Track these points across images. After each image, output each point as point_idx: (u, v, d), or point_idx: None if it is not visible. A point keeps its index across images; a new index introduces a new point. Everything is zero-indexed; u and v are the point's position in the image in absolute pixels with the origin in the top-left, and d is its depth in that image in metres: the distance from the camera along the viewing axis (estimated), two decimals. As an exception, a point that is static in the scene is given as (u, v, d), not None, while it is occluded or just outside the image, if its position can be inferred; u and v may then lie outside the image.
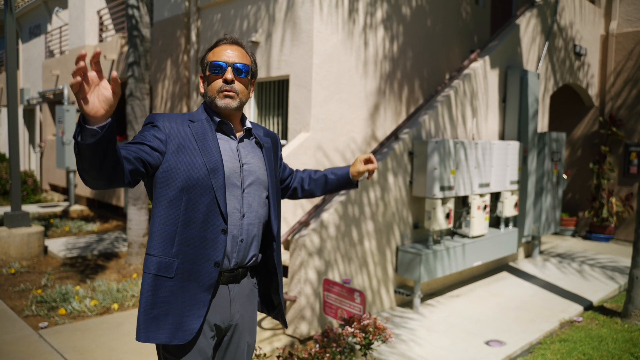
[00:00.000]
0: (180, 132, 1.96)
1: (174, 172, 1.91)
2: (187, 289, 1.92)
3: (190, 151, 1.93)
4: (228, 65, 2.00)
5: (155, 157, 1.89)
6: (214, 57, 2.03)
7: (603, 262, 7.86)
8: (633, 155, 9.33)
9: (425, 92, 7.50)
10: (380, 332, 3.70)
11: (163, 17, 8.98)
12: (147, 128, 1.95)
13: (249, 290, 2.13)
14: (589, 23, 9.32)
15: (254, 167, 2.07)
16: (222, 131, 2.06)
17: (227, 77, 1.99)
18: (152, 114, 2.01)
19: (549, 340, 4.86)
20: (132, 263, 6.94)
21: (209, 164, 1.93)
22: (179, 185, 1.91)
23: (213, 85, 2.02)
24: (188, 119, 2.02)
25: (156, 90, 9.27)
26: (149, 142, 1.88)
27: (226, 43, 2.06)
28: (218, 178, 1.94)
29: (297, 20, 6.26)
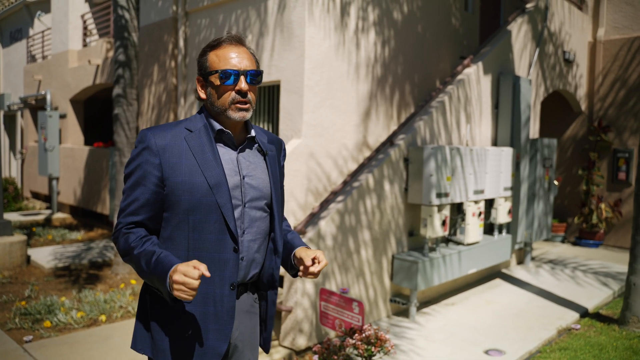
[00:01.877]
0: (175, 148, 1.80)
1: (175, 194, 1.79)
2: (207, 314, 1.81)
3: (189, 168, 1.79)
4: (240, 74, 1.81)
5: (161, 196, 1.82)
6: (220, 62, 1.82)
7: (595, 268, 7.86)
8: (621, 161, 9.39)
9: (416, 98, 7.44)
10: (383, 343, 3.59)
11: (150, 21, 8.82)
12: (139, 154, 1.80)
13: (248, 306, 1.98)
14: (578, 30, 9.38)
15: (256, 180, 1.91)
16: (221, 141, 1.89)
17: (242, 87, 1.81)
18: (143, 131, 1.84)
19: (548, 349, 4.79)
20: (119, 273, 6.75)
21: (210, 179, 1.79)
22: (182, 207, 1.79)
23: (224, 97, 1.83)
24: (185, 127, 1.86)
25: (142, 96, 9.09)
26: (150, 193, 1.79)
27: (230, 43, 1.85)
28: (222, 193, 1.80)
29: (289, 25, 6.16)
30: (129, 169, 1.82)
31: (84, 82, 10.82)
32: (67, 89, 11.51)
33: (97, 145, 10.69)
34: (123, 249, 1.77)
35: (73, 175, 11.06)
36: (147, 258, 1.70)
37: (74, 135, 11.69)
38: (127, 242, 1.77)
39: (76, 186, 10.93)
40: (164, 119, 8.52)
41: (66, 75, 11.52)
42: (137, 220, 1.79)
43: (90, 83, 10.59)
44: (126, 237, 1.77)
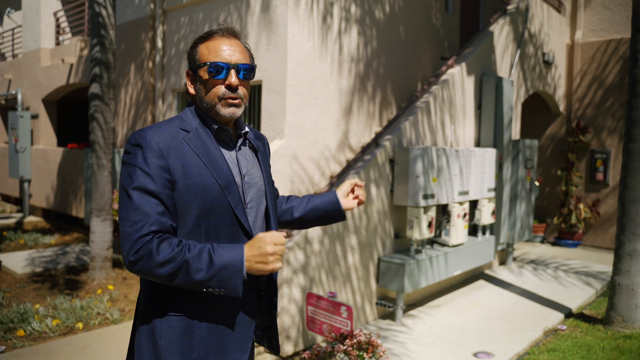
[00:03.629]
0: (178, 149, 1.65)
1: (186, 199, 1.64)
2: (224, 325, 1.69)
3: (197, 170, 1.65)
4: (231, 67, 1.70)
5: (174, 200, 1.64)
6: (210, 54, 1.71)
7: (576, 268, 7.92)
8: (599, 162, 9.50)
9: (398, 98, 7.39)
10: (375, 349, 3.50)
11: (126, 20, 8.60)
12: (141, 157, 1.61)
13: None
14: (556, 32, 9.47)
15: (254, 178, 1.82)
16: (219, 139, 1.77)
17: (232, 82, 1.69)
18: (138, 131, 1.65)
19: (536, 351, 4.77)
20: (96, 278, 6.52)
21: (220, 180, 1.67)
22: (195, 213, 1.64)
23: (213, 91, 1.71)
24: (180, 128, 1.71)
25: (119, 96, 8.86)
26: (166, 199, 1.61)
27: (222, 35, 1.73)
28: (233, 193, 1.70)
29: (271, 23, 6.04)
30: (132, 178, 1.60)
31: (57, 82, 10.51)
32: (39, 89, 11.17)
33: (72, 146, 10.39)
34: (164, 259, 1.53)
35: (46, 177, 10.73)
36: (205, 255, 1.55)
37: (46, 136, 11.35)
38: (166, 249, 1.54)
39: (49, 189, 10.61)
40: (141, 120, 8.30)
41: (38, 74, 11.17)
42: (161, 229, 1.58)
43: (63, 82, 10.29)
44: (165, 245, 1.55)
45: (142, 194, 1.58)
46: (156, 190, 1.58)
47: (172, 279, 1.55)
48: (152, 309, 1.68)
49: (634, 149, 5.15)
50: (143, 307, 1.71)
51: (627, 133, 5.22)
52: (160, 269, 1.53)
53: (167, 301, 1.66)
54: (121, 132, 8.85)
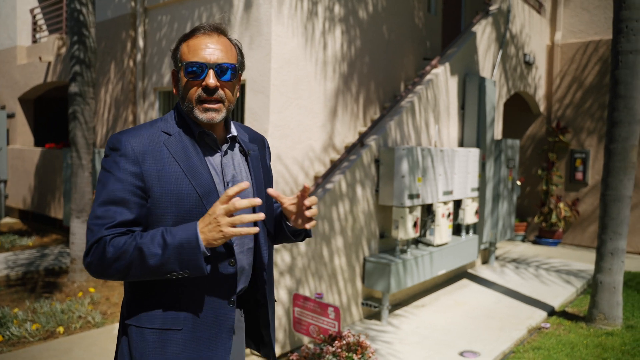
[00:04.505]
0: (156, 154, 1.57)
1: (161, 207, 1.56)
2: (200, 340, 1.59)
3: (174, 177, 1.57)
4: (209, 68, 1.58)
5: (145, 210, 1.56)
6: (189, 53, 1.60)
7: (557, 266, 8.02)
8: (578, 161, 9.64)
9: (381, 98, 7.40)
10: (364, 350, 3.48)
11: (106, 17, 8.45)
12: (114, 162, 1.55)
13: (237, 322, 1.79)
14: (537, 33, 9.58)
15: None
16: (202, 143, 1.68)
17: (209, 83, 1.57)
18: (115, 135, 1.60)
19: (521, 349, 4.81)
20: (76, 280, 6.40)
21: (199, 188, 1.58)
22: (169, 221, 1.56)
23: (191, 93, 1.61)
24: (162, 130, 1.63)
25: (98, 95, 8.71)
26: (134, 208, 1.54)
27: (205, 33, 1.62)
28: (213, 202, 1.60)
29: (255, 22, 5.99)
30: (103, 182, 1.56)
31: (34, 80, 10.29)
32: (15, 87, 10.92)
33: (49, 146, 10.19)
34: (114, 254, 1.47)
35: (23, 177, 10.50)
36: (158, 238, 1.47)
37: (23, 135, 11.11)
38: (117, 244, 1.48)
39: (26, 189, 10.38)
40: (122, 119, 8.17)
41: (14, 72, 10.93)
42: (121, 232, 1.52)
43: (41, 81, 10.08)
44: (114, 241, 1.49)
45: (109, 201, 1.53)
46: (124, 198, 1.53)
47: (129, 272, 1.49)
48: (129, 319, 1.63)
49: (615, 149, 5.22)
50: (122, 317, 1.67)
51: (609, 133, 5.29)
52: (114, 264, 1.48)
53: (141, 313, 1.60)
54: (101, 131, 8.70)
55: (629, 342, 4.90)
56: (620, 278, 5.29)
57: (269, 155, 1.95)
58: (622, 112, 5.18)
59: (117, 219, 1.51)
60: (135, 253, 1.47)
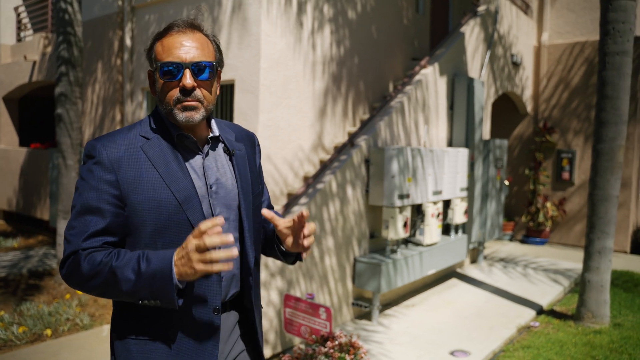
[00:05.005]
0: (132, 160, 1.52)
1: (139, 215, 1.50)
2: (185, 350, 1.55)
3: (152, 183, 1.51)
4: (185, 67, 1.51)
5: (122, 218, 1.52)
6: (164, 53, 1.53)
7: (544, 265, 8.09)
8: (565, 161, 9.73)
9: (370, 98, 7.41)
10: (356, 350, 3.48)
11: (93, 16, 8.37)
12: (89, 170, 1.51)
13: (232, 325, 1.72)
14: (524, 34, 9.65)
15: (223, 188, 1.64)
16: (182, 145, 1.61)
17: (186, 83, 1.50)
18: (90, 142, 1.55)
19: (511, 348, 4.84)
20: (63, 282, 6.32)
21: (178, 194, 1.52)
22: (148, 230, 1.51)
23: (169, 95, 1.54)
24: (140, 134, 1.57)
25: (85, 95, 8.61)
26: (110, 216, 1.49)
27: (179, 31, 1.54)
28: (194, 209, 1.54)
29: (244, 22, 5.96)
30: (79, 191, 1.52)
31: (19, 79, 10.16)
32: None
33: (35, 146, 10.06)
34: (89, 272, 1.43)
35: (7, 178, 10.35)
36: (133, 263, 1.41)
37: (7, 135, 10.95)
38: (93, 262, 1.43)
39: (11, 190, 10.24)
40: (109, 119, 8.10)
41: (-2, 71, 10.78)
42: (98, 246, 1.48)
43: (26, 80, 9.95)
44: (91, 258, 1.44)
45: (84, 210, 1.49)
46: (98, 207, 1.48)
47: (106, 292, 1.45)
48: (115, 329, 1.61)
49: (602, 149, 5.28)
50: (111, 325, 1.64)
51: (596, 134, 5.34)
52: (89, 282, 1.45)
53: (126, 323, 1.57)
54: (88, 131, 8.61)
55: (617, 340, 4.96)
56: (608, 277, 5.35)
57: (259, 153, 1.88)
58: (609, 113, 5.24)
59: (91, 229, 1.47)
60: (108, 275, 1.42)
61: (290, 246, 1.69)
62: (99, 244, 1.48)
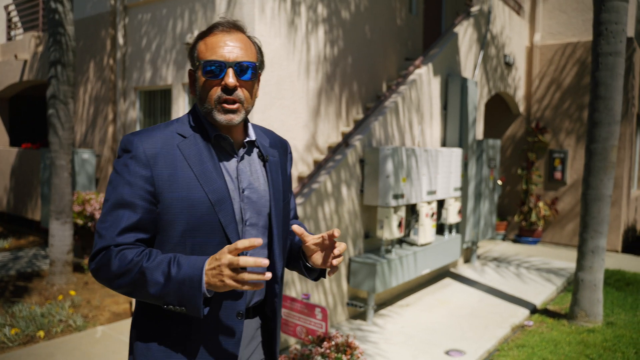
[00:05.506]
0: (168, 158, 1.52)
1: (171, 213, 1.50)
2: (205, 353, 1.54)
3: (186, 182, 1.50)
4: (228, 66, 1.51)
5: (154, 215, 1.51)
6: (207, 51, 1.53)
7: (537, 265, 8.13)
8: (557, 161, 9.79)
9: (364, 98, 7.41)
10: (353, 351, 3.47)
11: (85, 15, 8.31)
12: (125, 165, 1.51)
13: (253, 331, 1.70)
14: (516, 34, 9.70)
15: (256, 193, 1.63)
16: (219, 147, 1.60)
17: (229, 82, 1.50)
18: (127, 136, 1.54)
19: (506, 347, 4.86)
20: (56, 283, 6.27)
21: (212, 195, 1.51)
22: (179, 228, 1.50)
23: (210, 94, 1.53)
24: (177, 132, 1.57)
25: (77, 94, 8.55)
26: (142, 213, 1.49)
27: (223, 30, 1.55)
28: (226, 211, 1.53)
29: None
30: (113, 185, 1.51)
31: (10, 79, 10.07)
32: (-11, 86, 10.68)
33: (26, 146, 9.97)
34: (118, 269, 1.43)
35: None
36: (164, 266, 1.40)
37: (-2, 135, 10.87)
38: (124, 259, 1.43)
39: (1, 190, 10.14)
40: (101, 119, 8.04)
41: (-11, 71, 10.68)
42: (130, 242, 1.48)
43: (16, 79, 9.86)
44: (122, 256, 1.44)
45: (117, 204, 1.49)
46: (132, 202, 1.48)
47: (133, 292, 1.45)
48: (135, 326, 1.60)
49: (595, 149, 5.31)
50: (132, 323, 1.63)
51: (590, 134, 5.38)
52: (117, 280, 1.45)
53: (148, 322, 1.57)
54: (80, 131, 8.55)
55: (610, 338, 4.99)
56: (601, 276, 5.38)
57: (290, 161, 1.86)
58: (603, 113, 5.27)
59: (124, 225, 1.47)
60: (138, 275, 1.42)
61: (315, 263, 1.66)
62: (132, 241, 1.47)
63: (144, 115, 7.64)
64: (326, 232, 1.58)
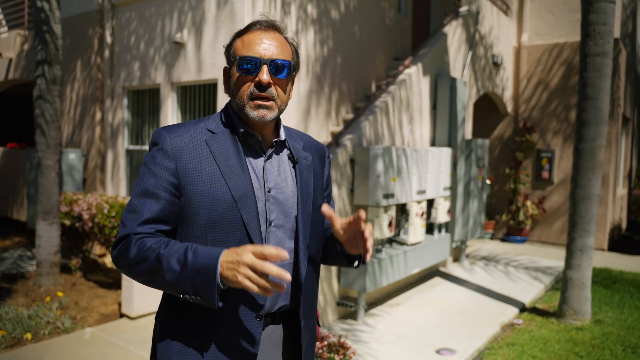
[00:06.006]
0: (194, 152, 1.53)
1: (192, 206, 1.51)
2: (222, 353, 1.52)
3: (210, 177, 1.51)
4: (263, 63, 1.51)
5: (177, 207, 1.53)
6: (243, 48, 1.54)
7: (525, 263, 8.20)
8: (544, 160, 9.88)
9: (353, 98, 7.42)
10: (345, 351, 3.47)
11: (72, 13, 8.22)
12: (152, 156, 1.54)
13: (277, 339, 1.64)
14: (504, 34, 9.76)
15: (283, 194, 1.60)
16: (247, 144, 1.60)
17: (263, 78, 1.50)
18: (158, 130, 1.57)
19: (496, 345, 4.89)
20: (43, 285, 6.19)
21: (234, 191, 1.51)
22: (200, 223, 1.50)
23: (243, 89, 1.54)
24: (207, 128, 1.59)
25: (64, 93, 8.45)
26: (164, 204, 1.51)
27: (260, 28, 1.56)
28: (249, 208, 1.52)
29: (228, 21, 5.92)
30: (140, 176, 1.55)
31: (-5, 78, 9.93)
32: (-26, 85, 10.52)
33: (11, 146, 9.84)
34: (136, 256, 1.44)
35: (-18, 178, 10.11)
36: (180, 254, 1.40)
37: (-18, 135, 10.71)
38: (143, 246, 1.44)
39: (-14, 191, 10.00)
40: (88, 118, 7.96)
41: (-27, 69, 10.52)
42: (150, 232, 1.50)
43: (1, 78, 9.74)
44: (141, 243, 1.45)
45: (141, 194, 1.52)
46: (155, 193, 1.50)
47: (150, 280, 1.46)
48: (159, 318, 1.61)
49: (584, 148, 5.36)
50: (156, 314, 1.64)
51: (578, 133, 5.42)
52: (135, 267, 1.46)
53: (170, 315, 1.57)
54: (67, 130, 8.46)
55: (598, 336, 5.05)
56: (589, 274, 5.44)
57: (328, 166, 1.82)
58: (590, 113, 5.32)
59: (146, 215, 1.49)
60: (154, 262, 1.42)
61: (349, 250, 1.63)
62: (152, 231, 1.49)
63: (132, 115, 7.57)
64: (352, 216, 1.56)
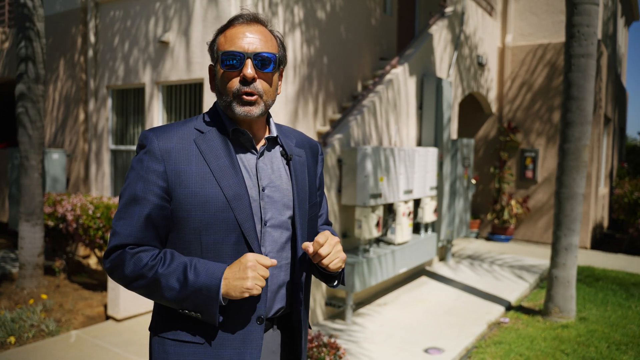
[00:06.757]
0: (183, 153, 1.48)
1: (183, 209, 1.46)
2: (222, 356, 1.48)
3: (200, 177, 1.46)
4: (247, 57, 1.46)
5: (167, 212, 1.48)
6: (226, 43, 1.49)
7: (509, 262, 8.27)
8: (528, 160, 9.99)
9: (339, 98, 7.42)
10: (336, 350, 3.47)
11: (55, 11, 8.10)
12: (139, 160, 1.48)
13: (275, 346, 1.62)
14: (489, 35, 9.85)
15: (278, 192, 1.57)
16: (237, 142, 1.55)
17: (247, 73, 1.45)
18: (144, 132, 1.51)
19: (483, 344, 4.92)
20: (26, 287, 6.09)
21: (227, 191, 1.46)
22: (192, 226, 1.46)
23: (228, 86, 1.49)
24: (195, 127, 1.53)
25: (47, 93, 8.33)
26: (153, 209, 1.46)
27: (243, 22, 1.51)
28: (243, 208, 1.47)
29: (214, 21, 5.88)
30: (128, 181, 1.49)
31: (-26, 76, 9.75)
32: (-47, 84, 10.31)
33: (-8, 146, 9.68)
34: (133, 273, 1.42)
35: (-38, 179, 9.92)
36: (179, 273, 1.40)
37: (-38, 135, 10.51)
38: (139, 263, 1.42)
39: (-34, 192, 9.81)
40: (72, 118, 7.86)
41: (-48, 68, 10.31)
42: (141, 242, 1.46)
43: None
44: (137, 259, 1.42)
45: (131, 200, 1.47)
46: (145, 197, 1.45)
47: (148, 295, 1.45)
48: (153, 326, 1.58)
49: (568, 148, 5.42)
50: (151, 321, 1.61)
51: (563, 134, 5.49)
52: (132, 283, 1.45)
53: (165, 322, 1.53)
54: (50, 130, 8.34)
55: (583, 333, 5.11)
56: (574, 272, 5.50)
57: (321, 163, 1.80)
58: (575, 113, 5.39)
59: (137, 222, 1.46)
60: (152, 281, 1.42)
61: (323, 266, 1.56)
62: (145, 241, 1.46)
63: (117, 115, 7.49)
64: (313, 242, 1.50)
